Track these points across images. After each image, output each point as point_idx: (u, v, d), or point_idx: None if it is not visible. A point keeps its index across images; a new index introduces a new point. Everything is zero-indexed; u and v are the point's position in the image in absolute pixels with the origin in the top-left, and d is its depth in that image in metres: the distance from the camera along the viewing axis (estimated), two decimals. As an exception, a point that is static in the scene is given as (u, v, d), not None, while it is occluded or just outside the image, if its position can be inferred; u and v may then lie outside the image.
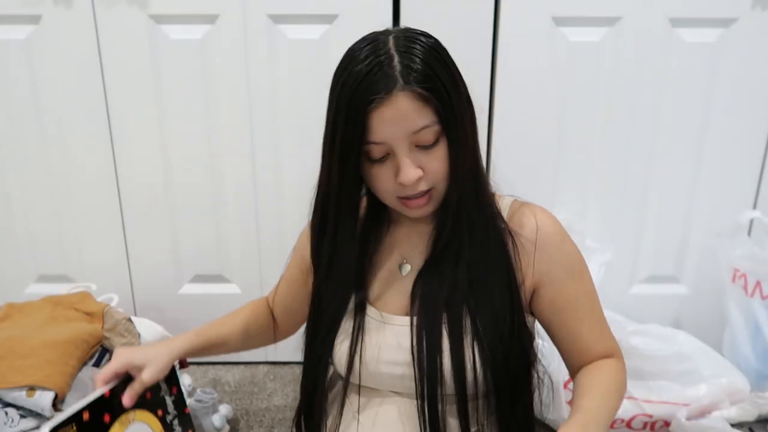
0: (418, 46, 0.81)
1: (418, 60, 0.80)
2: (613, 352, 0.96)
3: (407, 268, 0.94)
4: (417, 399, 0.88)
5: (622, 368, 0.95)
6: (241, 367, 1.75)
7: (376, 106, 0.79)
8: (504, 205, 0.95)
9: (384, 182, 0.85)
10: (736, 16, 1.45)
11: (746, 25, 1.46)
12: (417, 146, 0.83)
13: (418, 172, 0.82)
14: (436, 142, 0.83)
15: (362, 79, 0.79)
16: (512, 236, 0.91)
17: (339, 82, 0.83)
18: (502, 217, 0.92)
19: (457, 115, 0.83)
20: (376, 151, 0.83)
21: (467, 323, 0.87)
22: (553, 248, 0.92)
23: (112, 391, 0.94)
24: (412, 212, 0.88)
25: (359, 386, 0.94)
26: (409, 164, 0.82)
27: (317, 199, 0.93)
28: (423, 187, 0.84)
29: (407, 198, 0.85)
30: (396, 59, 0.80)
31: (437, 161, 0.83)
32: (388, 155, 0.83)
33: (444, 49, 0.84)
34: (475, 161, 0.88)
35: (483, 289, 0.88)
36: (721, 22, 1.46)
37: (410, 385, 0.89)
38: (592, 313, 0.95)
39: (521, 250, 0.91)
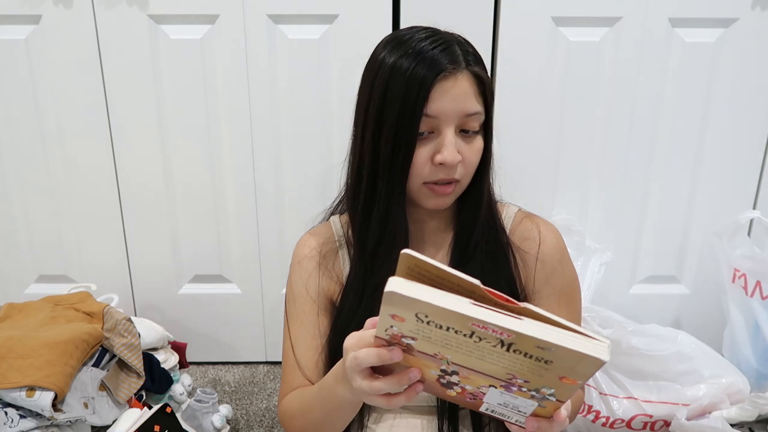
0: (471, 46, 0.86)
1: (472, 51, 0.85)
2: None
3: None
4: (438, 416, 0.88)
5: (581, 397, 0.94)
6: (241, 367, 1.75)
7: (443, 78, 0.80)
8: (508, 215, 0.95)
9: (420, 160, 0.83)
10: (736, 16, 1.45)
11: (746, 25, 1.46)
12: (460, 131, 0.83)
13: (459, 156, 0.82)
14: (476, 134, 0.84)
15: (428, 52, 0.81)
16: (514, 250, 0.91)
17: (397, 55, 0.82)
18: (504, 230, 0.92)
19: (492, 117, 0.86)
20: (422, 125, 0.82)
21: None
22: (549, 266, 0.91)
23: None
24: (434, 200, 0.86)
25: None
26: (453, 144, 0.82)
27: (360, 182, 0.87)
28: (456, 174, 0.84)
29: (436, 183, 0.84)
30: (456, 46, 0.83)
31: (474, 153, 0.84)
32: (431, 134, 0.83)
33: None
34: (490, 168, 0.90)
35: None
36: (721, 22, 1.46)
37: (425, 398, 0.89)
38: None
39: (522, 264, 0.91)
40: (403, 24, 1.45)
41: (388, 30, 1.46)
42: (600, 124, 1.54)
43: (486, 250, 0.89)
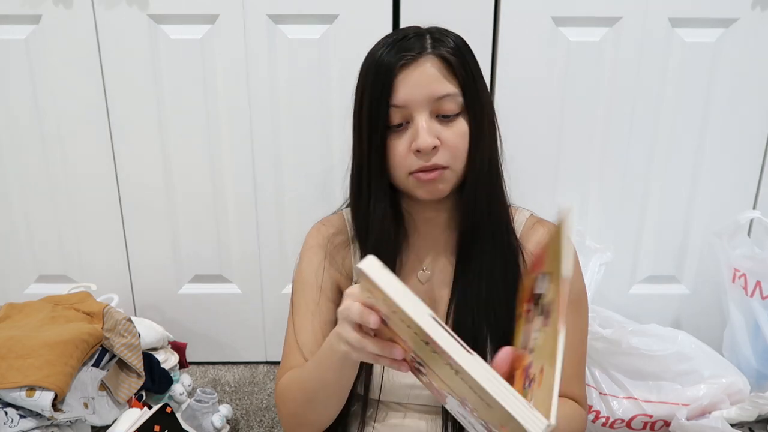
0: (450, 35, 0.86)
1: (447, 40, 0.85)
2: (578, 400, 0.91)
3: (427, 275, 0.93)
4: (442, 417, 0.88)
5: (583, 416, 0.91)
6: (241, 367, 1.75)
7: (404, 66, 0.81)
8: (519, 220, 0.94)
9: (399, 152, 0.83)
10: (736, 16, 1.45)
11: (746, 25, 1.46)
12: (438, 116, 0.83)
13: (435, 141, 0.81)
14: (457, 116, 0.83)
15: (395, 44, 0.82)
16: (524, 254, 0.90)
17: (371, 52, 0.85)
18: (514, 233, 0.91)
19: (480, 99, 0.85)
20: (396, 116, 0.82)
21: (487, 338, 0.86)
22: None
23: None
24: (424, 189, 0.85)
25: (378, 401, 0.92)
26: (426, 129, 0.81)
27: (352, 176, 0.90)
28: (438, 160, 0.83)
29: (419, 171, 0.83)
30: (428, 36, 0.84)
31: (456, 136, 0.83)
32: (408, 124, 0.83)
33: (469, 46, 0.88)
34: (493, 159, 0.87)
35: (500, 306, 0.86)
36: (721, 22, 1.46)
37: (430, 398, 0.89)
38: (574, 351, 0.91)
39: None
40: (403, 24, 1.45)
41: (388, 30, 1.46)
42: (600, 124, 1.54)
43: (492, 249, 0.88)
